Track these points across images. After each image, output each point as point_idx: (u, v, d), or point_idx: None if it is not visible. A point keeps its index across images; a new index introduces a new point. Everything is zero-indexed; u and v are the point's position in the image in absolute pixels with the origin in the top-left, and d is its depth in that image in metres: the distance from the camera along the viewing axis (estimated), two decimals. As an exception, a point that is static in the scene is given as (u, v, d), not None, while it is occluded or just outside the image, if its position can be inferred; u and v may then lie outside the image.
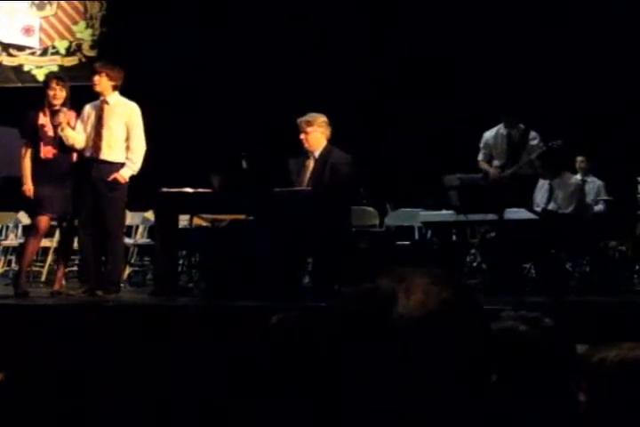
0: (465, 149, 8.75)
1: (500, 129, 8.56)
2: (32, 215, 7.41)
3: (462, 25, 10.64)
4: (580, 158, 9.80)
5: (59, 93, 7.21)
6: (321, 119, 7.47)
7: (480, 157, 8.64)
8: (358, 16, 10.95)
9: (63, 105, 7.22)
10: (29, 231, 7.56)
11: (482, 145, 8.64)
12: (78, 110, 7.37)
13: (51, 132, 7.22)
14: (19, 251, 9.44)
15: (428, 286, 1.38)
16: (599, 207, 9.57)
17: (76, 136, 7.25)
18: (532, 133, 8.45)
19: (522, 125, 8.49)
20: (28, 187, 7.25)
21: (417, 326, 1.34)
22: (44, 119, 7.24)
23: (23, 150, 7.31)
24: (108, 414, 5.24)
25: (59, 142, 7.23)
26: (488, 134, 8.64)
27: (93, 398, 5.36)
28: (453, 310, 1.37)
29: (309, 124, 7.43)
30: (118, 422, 5.12)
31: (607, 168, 9.67)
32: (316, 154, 7.47)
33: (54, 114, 7.21)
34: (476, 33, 10.59)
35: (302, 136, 7.45)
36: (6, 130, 8.58)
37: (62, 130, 7.18)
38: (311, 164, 7.48)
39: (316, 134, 7.45)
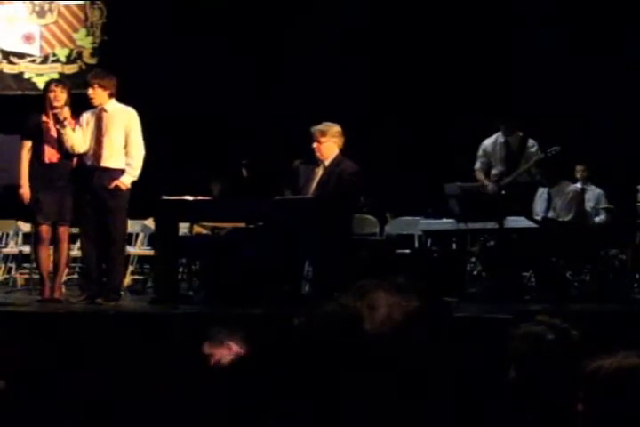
0: (466, 158, 8.75)
1: (498, 137, 8.56)
2: (31, 222, 7.41)
3: (462, 36, 10.65)
4: (579, 167, 9.79)
5: (59, 95, 7.21)
6: (335, 129, 7.45)
7: (477, 165, 8.62)
8: (360, 28, 10.96)
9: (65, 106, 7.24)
10: (34, 240, 7.54)
11: (480, 153, 8.63)
12: (78, 118, 7.37)
13: (54, 135, 7.22)
14: (19, 258, 9.44)
15: (391, 298, 1.35)
16: (600, 218, 9.56)
17: (77, 138, 7.22)
18: (531, 141, 8.45)
19: (520, 133, 8.49)
20: (25, 190, 7.23)
21: (385, 341, 1.31)
22: (46, 123, 7.25)
23: (23, 153, 7.30)
24: (108, 420, 5.24)
25: (63, 146, 7.22)
26: (487, 142, 8.63)
27: (93, 405, 5.35)
28: (420, 321, 1.34)
29: (323, 133, 7.40)
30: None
31: (607, 177, 9.67)
32: (327, 163, 7.45)
33: (57, 117, 7.20)
34: (474, 42, 10.60)
35: (315, 145, 7.42)
36: (6, 137, 8.57)
37: (64, 127, 7.17)
38: (320, 172, 7.46)
39: (329, 144, 7.42)
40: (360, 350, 1.34)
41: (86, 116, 7.36)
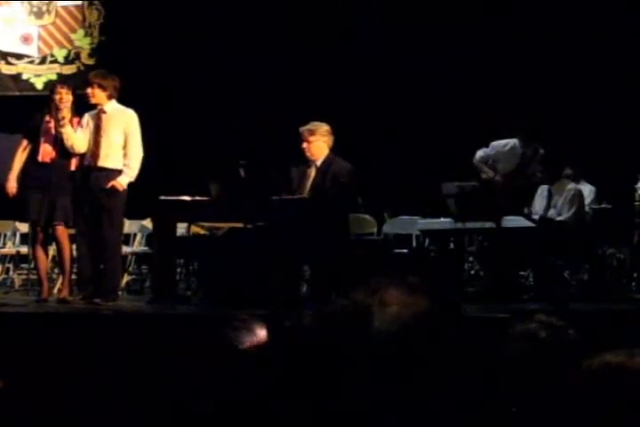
0: (463, 157, 8.75)
1: (515, 146, 8.41)
2: (25, 222, 7.44)
3: (463, 38, 10.66)
4: (566, 171, 9.74)
5: (65, 97, 7.26)
6: (324, 128, 7.43)
7: (478, 158, 8.52)
8: (361, 21, 10.97)
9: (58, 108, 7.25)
10: (31, 241, 7.56)
11: (490, 151, 8.47)
12: (81, 117, 7.38)
13: (52, 136, 7.23)
14: (16, 259, 9.45)
15: (402, 297, 1.35)
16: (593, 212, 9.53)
17: (76, 137, 7.24)
18: (541, 152, 8.39)
19: (535, 144, 8.40)
20: (11, 185, 7.28)
21: (394, 340, 1.31)
22: (47, 123, 7.27)
23: (19, 150, 7.34)
24: (106, 421, 5.23)
25: (59, 148, 7.23)
26: (500, 148, 8.46)
27: (91, 405, 5.35)
28: (429, 321, 1.34)
29: (312, 133, 7.38)
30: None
31: (606, 175, 9.67)
32: (318, 163, 7.44)
33: (58, 118, 7.23)
34: (474, 42, 10.61)
35: (304, 145, 7.41)
36: (4, 137, 8.59)
37: (63, 126, 7.18)
38: (312, 172, 7.45)
39: (319, 143, 7.41)
40: (367, 346, 1.34)
41: (87, 117, 7.39)
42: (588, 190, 9.63)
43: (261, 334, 4.46)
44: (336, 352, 1.38)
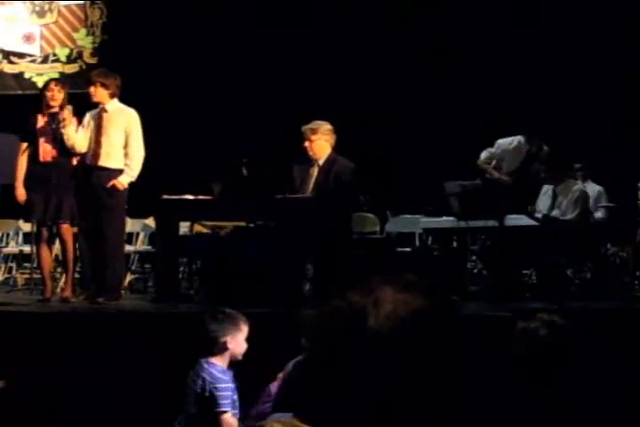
0: (466, 156, 8.73)
1: (521, 144, 8.34)
2: (29, 222, 7.43)
3: (465, 31, 10.65)
4: (577, 166, 9.75)
5: (56, 95, 7.23)
6: (325, 127, 7.43)
7: (483, 159, 8.48)
8: (360, 21, 10.97)
9: (60, 108, 7.22)
10: (35, 240, 7.55)
11: (495, 151, 8.39)
12: (80, 117, 7.37)
13: (50, 134, 7.22)
14: (19, 258, 9.45)
15: (396, 295, 1.34)
16: (599, 214, 9.53)
17: (77, 137, 7.23)
18: (545, 149, 8.35)
19: (539, 142, 8.36)
20: (21, 192, 7.26)
21: (389, 339, 1.30)
22: (42, 122, 7.25)
23: (20, 155, 7.33)
24: (108, 419, 5.24)
25: (59, 145, 7.21)
26: (505, 146, 8.40)
27: (93, 403, 5.36)
28: (425, 319, 1.33)
29: (314, 131, 7.38)
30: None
31: (608, 174, 9.66)
32: (321, 162, 7.43)
33: (52, 117, 7.21)
34: (476, 40, 10.61)
35: (306, 144, 7.41)
36: (6, 137, 8.59)
37: (64, 127, 7.17)
38: (315, 171, 7.45)
39: (321, 142, 7.41)
40: (362, 346, 1.33)
41: (89, 116, 7.39)
42: (595, 191, 9.61)
43: (244, 328, 4.45)
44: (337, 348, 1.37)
